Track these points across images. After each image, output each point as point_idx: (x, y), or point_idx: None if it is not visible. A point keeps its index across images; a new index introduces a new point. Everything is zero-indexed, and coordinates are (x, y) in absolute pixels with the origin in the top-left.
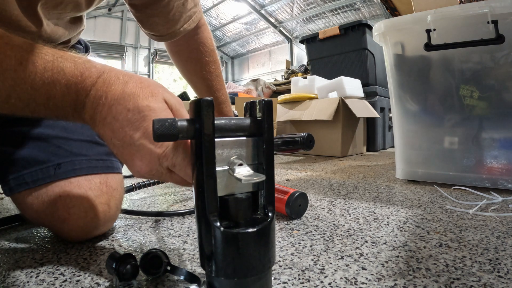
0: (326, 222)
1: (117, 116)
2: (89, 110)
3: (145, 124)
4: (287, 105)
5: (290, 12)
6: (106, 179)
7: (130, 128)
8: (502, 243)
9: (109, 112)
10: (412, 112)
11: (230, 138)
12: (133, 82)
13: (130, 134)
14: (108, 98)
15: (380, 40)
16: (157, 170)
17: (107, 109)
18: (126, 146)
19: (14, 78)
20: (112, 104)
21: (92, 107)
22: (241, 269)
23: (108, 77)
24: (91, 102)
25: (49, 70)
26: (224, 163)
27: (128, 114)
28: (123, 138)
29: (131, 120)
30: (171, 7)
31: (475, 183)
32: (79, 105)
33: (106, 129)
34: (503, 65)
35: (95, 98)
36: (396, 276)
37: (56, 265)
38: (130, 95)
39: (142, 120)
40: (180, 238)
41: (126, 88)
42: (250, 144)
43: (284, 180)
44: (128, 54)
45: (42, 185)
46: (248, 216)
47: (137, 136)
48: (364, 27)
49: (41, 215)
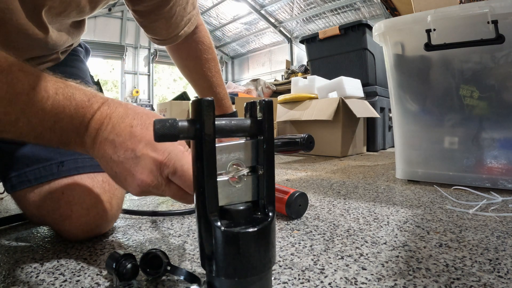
0: (326, 222)
1: (120, 133)
2: (92, 131)
3: (147, 136)
4: (287, 105)
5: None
6: (108, 178)
7: (133, 141)
8: (502, 243)
9: (112, 130)
10: (412, 112)
11: (228, 143)
12: (135, 107)
13: (132, 147)
14: (112, 118)
15: (380, 40)
16: (157, 181)
17: (110, 128)
18: (127, 160)
19: (26, 101)
20: (116, 123)
21: (95, 128)
22: (242, 269)
23: (112, 102)
24: (95, 123)
25: (60, 94)
26: (223, 170)
27: (131, 129)
28: (125, 151)
29: (134, 134)
30: (174, 12)
31: (475, 183)
32: (83, 129)
33: (107, 147)
34: (503, 65)
35: (99, 119)
36: (396, 276)
37: (56, 265)
38: (133, 114)
39: (145, 133)
40: (180, 238)
41: (128, 110)
42: (249, 147)
43: (284, 180)
44: (128, 54)
45: (45, 183)
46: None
47: (140, 146)
48: (364, 27)
49: (43, 213)
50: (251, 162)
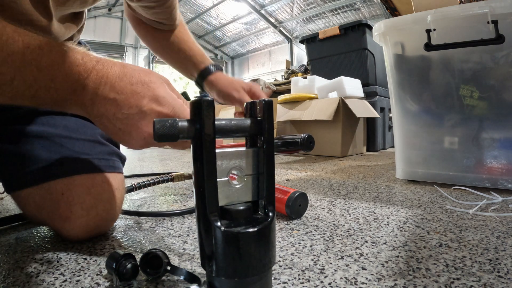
0: (326, 222)
1: (121, 91)
2: (91, 90)
3: (149, 92)
4: (287, 105)
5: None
6: (108, 178)
7: (137, 97)
8: (502, 243)
9: (112, 89)
10: (412, 112)
11: (229, 149)
12: (129, 65)
13: (136, 103)
14: (109, 77)
15: (380, 40)
16: None
17: (109, 87)
18: (132, 116)
19: (21, 60)
20: (115, 81)
21: (94, 87)
22: (242, 269)
23: (106, 62)
24: (93, 82)
25: (54, 52)
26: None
27: (132, 87)
28: (129, 108)
29: (136, 91)
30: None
31: (475, 183)
32: (79, 87)
33: (108, 106)
34: (503, 65)
35: (96, 78)
36: (396, 276)
37: (56, 265)
38: (131, 72)
39: (146, 89)
40: (180, 238)
41: (125, 69)
42: (250, 155)
43: (284, 180)
44: (128, 54)
45: (45, 183)
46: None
47: (144, 102)
48: (364, 27)
49: (43, 213)
50: (251, 170)
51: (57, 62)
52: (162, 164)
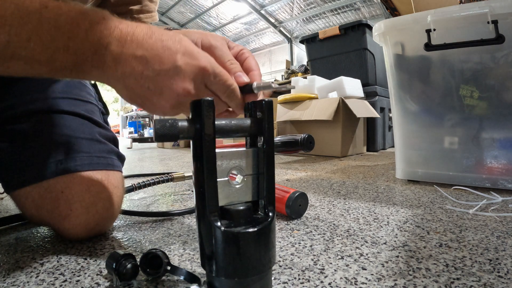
0: (326, 222)
1: (151, 47)
2: (114, 48)
3: (182, 48)
4: (287, 105)
5: (290, 12)
6: (107, 176)
7: (169, 53)
8: (502, 243)
9: (140, 46)
10: (412, 112)
11: (229, 149)
12: (155, 26)
13: (169, 58)
14: (135, 35)
15: (380, 40)
16: (198, 88)
17: (136, 44)
18: (165, 72)
19: (38, 19)
20: (143, 39)
21: (118, 45)
22: (242, 269)
23: (130, 22)
24: (117, 41)
25: (73, 11)
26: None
27: (163, 43)
28: (160, 64)
29: (168, 47)
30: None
31: (475, 183)
32: (101, 46)
33: (135, 64)
34: (503, 65)
35: (120, 36)
36: (396, 276)
37: (56, 265)
38: (159, 31)
39: (179, 45)
40: (180, 238)
41: (152, 28)
42: (250, 155)
43: (284, 180)
44: None
45: (44, 181)
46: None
47: (178, 57)
48: (364, 27)
49: (42, 212)
50: (251, 170)
51: (76, 20)
52: (162, 164)
